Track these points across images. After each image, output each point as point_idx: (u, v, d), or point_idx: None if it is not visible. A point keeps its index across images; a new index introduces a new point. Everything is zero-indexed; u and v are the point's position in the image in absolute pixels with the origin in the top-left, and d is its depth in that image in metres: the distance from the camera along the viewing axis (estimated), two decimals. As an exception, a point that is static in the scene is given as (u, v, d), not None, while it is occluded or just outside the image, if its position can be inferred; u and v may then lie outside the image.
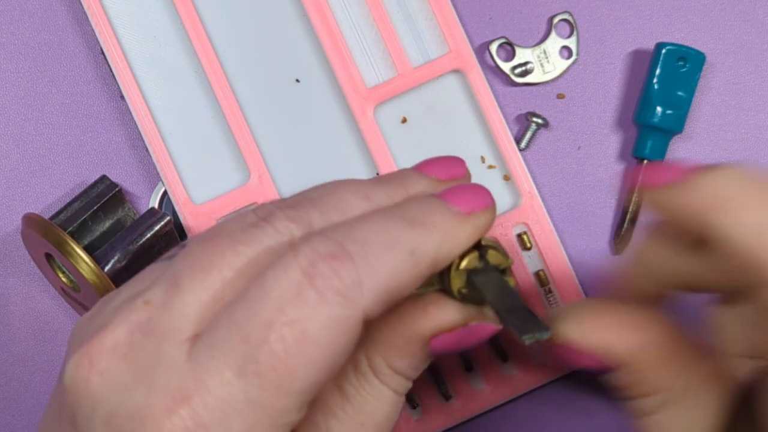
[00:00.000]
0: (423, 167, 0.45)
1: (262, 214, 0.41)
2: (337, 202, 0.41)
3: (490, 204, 0.43)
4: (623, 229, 0.59)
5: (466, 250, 0.43)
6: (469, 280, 0.43)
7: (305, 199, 0.42)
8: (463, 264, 0.43)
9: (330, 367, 0.39)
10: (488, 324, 0.44)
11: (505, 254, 0.44)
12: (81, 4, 0.57)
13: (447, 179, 0.45)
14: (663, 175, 0.44)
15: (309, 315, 0.38)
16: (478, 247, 0.43)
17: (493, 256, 0.44)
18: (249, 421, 0.39)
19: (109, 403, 0.40)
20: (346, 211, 0.41)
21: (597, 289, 0.59)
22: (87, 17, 0.57)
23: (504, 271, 0.44)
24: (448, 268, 0.43)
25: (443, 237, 0.41)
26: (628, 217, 0.59)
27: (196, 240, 0.41)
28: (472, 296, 0.44)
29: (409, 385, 0.44)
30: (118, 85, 0.58)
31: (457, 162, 0.45)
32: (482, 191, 0.43)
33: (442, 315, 0.43)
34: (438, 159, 0.45)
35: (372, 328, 0.43)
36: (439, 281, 0.44)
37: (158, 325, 0.40)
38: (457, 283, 0.43)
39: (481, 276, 0.43)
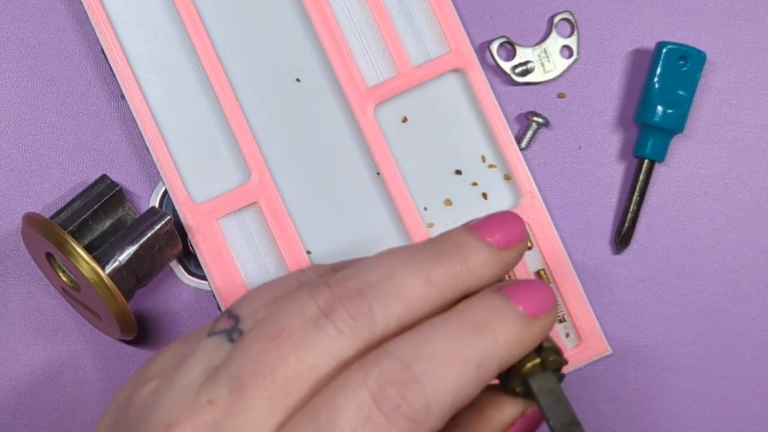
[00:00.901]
0: (480, 229, 0.44)
1: (322, 305, 0.41)
2: (398, 290, 0.41)
3: (554, 304, 0.43)
4: (624, 229, 0.59)
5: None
6: (525, 382, 0.43)
7: (364, 286, 0.41)
8: (525, 369, 0.43)
9: None
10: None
11: (562, 356, 0.44)
12: (81, 3, 0.57)
13: (506, 245, 0.44)
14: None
15: None
16: (539, 349, 0.43)
17: (553, 362, 0.43)
18: None
19: None
20: (409, 300, 0.41)
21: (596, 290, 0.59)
22: (87, 16, 0.57)
23: (558, 370, 0.44)
24: (508, 368, 0.43)
25: (510, 345, 0.41)
26: (628, 216, 0.59)
27: (256, 335, 0.41)
28: (524, 394, 0.44)
29: None
30: (118, 85, 0.57)
31: (514, 221, 0.45)
32: (546, 290, 0.43)
33: (501, 415, 0.44)
34: (495, 218, 0.44)
35: None
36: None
37: (224, 430, 0.40)
38: (514, 384, 0.43)
39: (538, 379, 0.43)
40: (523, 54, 0.59)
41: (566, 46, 0.60)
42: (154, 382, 0.43)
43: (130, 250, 0.55)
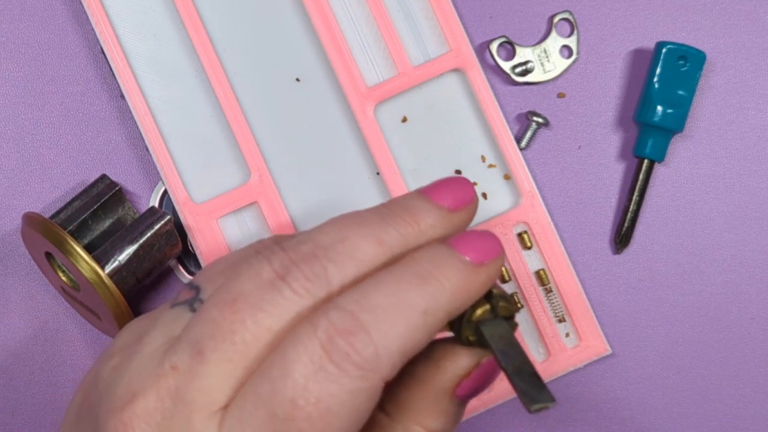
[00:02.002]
0: (430, 192, 0.45)
1: (278, 268, 0.42)
2: (350, 251, 0.42)
3: (500, 252, 0.44)
4: (624, 229, 0.59)
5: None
6: (477, 330, 0.44)
7: (318, 248, 0.42)
8: (475, 315, 0.44)
9: None
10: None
11: (513, 303, 0.45)
12: (81, 3, 0.57)
13: (456, 208, 0.45)
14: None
15: (332, 391, 0.40)
16: (488, 297, 0.44)
17: (503, 308, 0.44)
18: None
19: None
20: (361, 260, 0.42)
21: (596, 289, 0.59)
22: (87, 16, 0.57)
23: (509, 318, 0.44)
24: (459, 317, 0.44)
25: (455, 292, 0.42)
26: (628, 216, 0.59)
27: (216, 299, 0.42)
28: (478, 343, 0.44)
29: None
30: (118, 85, 0.57)
31: (464, 185, 0.45)
32: (491, 238, 0.44)
33: (455, 365, 0.44)
34: (445, 182, 0.45)
35: (400, 401, 0.45)
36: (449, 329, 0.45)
37: (186, 394, 0.41)
38: (466, 332, 0.44)
39: (489, 326, 0.44)
40: (522, 54, 0.59)
41: (566, 46, 0.60)
42: (117, 356, 0.44)
43: (130, 250, 0.55)
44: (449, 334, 0.44)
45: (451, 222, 0.44)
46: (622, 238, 0.59)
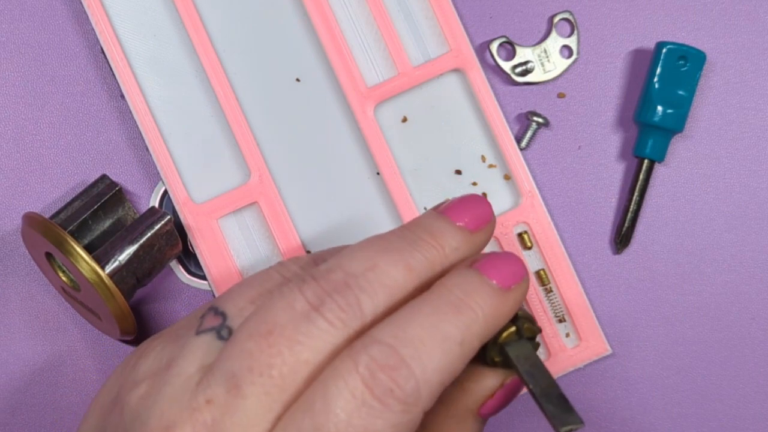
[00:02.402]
0: (450, 213, 0.46)
1: (311, 299, 0.42)
2: (381, 279, 0.43)
3: (525, 274, 0.45)
4: (624, 229, 0.59)
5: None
6: (502, 351, 0.45)
7: (350, 277, 0.42)
8: (501, 338, 0.45)
9: None
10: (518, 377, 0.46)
11: (536, 324, 0.46)
12: (81, 3, 0.57)
13: (476, 228, 0.46)
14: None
15: (377, 427, 0.40)
16: (514, 319, 0.45)
17: (528, 330, 0.45)
18: None
19: None
20: (392, 288, 0.43)
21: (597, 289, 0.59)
22: (87, 16, 0.57)
23: (533, 338, 0.46)
24: (486, 342, 0.45)
25: (488, 319, 0.43)
26: (628, 216, 0.59)
27: (248, 333, 0.42)
28: (503, 363, 0.45)
29: None
30: (118, 84, 0.57)
31: (482, 204, 0.46)
32: (516, 262, 0.45)
33: (481, 387, 0.46)
34: (463, 202, 0.46)
35: (425, 424, 0.45)
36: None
37: (224, 429, 0.41)
38: (492, 354, 0.45)
39: (514, 348, 0.45)
40: (522, 54, 0.59)
41: (566, 46, 0.60)
42: (144, 384, 0.43)
43: (130, 250, 0.55)
44: None
45: (474, 243, 0.45)
46: (622, 238, 0.59)
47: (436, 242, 0.44)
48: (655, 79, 0.58)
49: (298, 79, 0.58)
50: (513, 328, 0.45)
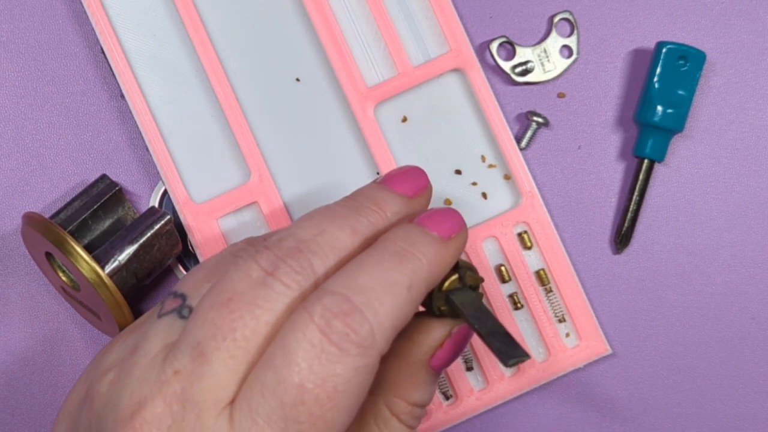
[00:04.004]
0: (389, 182, 0.48)
1: (266, 266, 0.44)
2: (330, 242, 0.45)
3: (463, 226, 0.47)
4: (624, 229, 0.59)
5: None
6: (448, 299, 0.47)
7: (300, 243, 0.44)
8: (445, 286, 0.47)
9: (356, 408, 0.43)
10: (466, 325, 0.48)
11: (477, 274, 0.48)
12: (81, 3, 0.57)
13: (414, 195, 0.48)
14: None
15: (336, 371, 0.42)
16: (456, 268, 0.47)
17: (470, 278, 0.47)
18: None
19: None
20: (340, 249, 0.45)
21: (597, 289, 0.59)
22: (87, 16, 0.57)
23: (476, 287, 0.48)
24: (431, 290, 0.47)
25: (432, 265, 0.45)
26: (628, 216, 0.59)
27: (209, 304, 0.43)
28: (450, 313, 0.48)
29: (423, 413, 0.49)
30: (118, 84, 0.57)
31: (417, 173, 0.49)
32: (454, 214, 0.47)
33: (429, 338, 0.48)
34: (400, 172, 0.49)
35: (379, 377, 0.47)
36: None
37: (193, 395, 0.42)
38: (438, 303, 0.47)
39: (458, 295, 0.47)
40: (522, 54, 0.59)
41: (566, 46, 0.60)
42: (112, 372, 0.45)
43: (130, 250, 0.55)
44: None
45: (413, 207, 0.48)
46: (622, 238, 0.59)
47: (378, 208, 0.47)
48: (655, 79, 0.58)
49: (298, 79, 0.58)
50: (456, 276, 0.47)
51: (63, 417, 0.47)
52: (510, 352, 0.45)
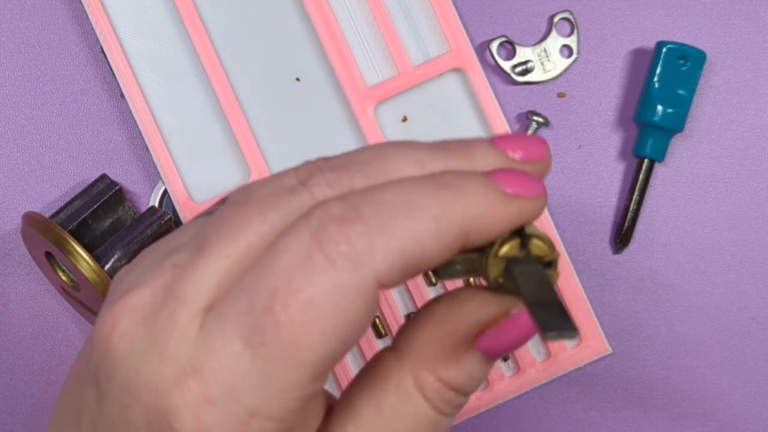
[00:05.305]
0: (499, 141, 0.39)
1: (302, 176, 0.38)
2: (385, 168, 0.37)
3: (541, 193, 0.38)
4: (624, 228, 0.59)
5: (507, 236, 0.38)
6: (507, 269, 0.38)
7: (351, 162, 0.38)
8: (503, 250, 0.38)
9: (343, 339, 0.36)
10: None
11: (551, 246, 0.39)
12: (81, 3, 0.57)
13: (521, 160, 0.39)
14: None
15: (315, 282, 0.35)
16: (521, 234, 0.39)
17: (537, 247, 0.38)
18: (258, 395, 0.36)
19: (127, 367, 0.38)
20: (394, 177, 0.37)
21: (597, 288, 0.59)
22: (87, 16, 0.57)
23: (549, 264, 0.39)
24: (487, 255, 0.38)
25: (477, 207, 0.37)
26: (628, 216, 0.59)
27: (231, 201, 0.38)
28: (510, 288, 0.38)
29: (462, 401, 0.40)
30: (118, 84, 0.57)
31: (538, 143, 0.39)
32: (536, 181, 0.38)
33: (479, 309, 0.38)
34: (519, 136, 0.39)
35: (412, 338, 0.39)
36: (479, 269, 0.39)
37: (178, 289, 0.37)
38: (494, 270, 0.38)
39: (522, 267, 0.38)
40: (523, 53, 0.59)
41: (566, 46, 0.60)
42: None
43: (130, 250, 0.55)
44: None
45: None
46: (622, 237, 0.59)
47: (466, 154, 0.38)
48: (655, 79, 0.58)
49: (298, 79, 0.58)
50: (516, 241, 0.38)
51: (68, 382, 0.44)
52: (552, 322, 0.36)
